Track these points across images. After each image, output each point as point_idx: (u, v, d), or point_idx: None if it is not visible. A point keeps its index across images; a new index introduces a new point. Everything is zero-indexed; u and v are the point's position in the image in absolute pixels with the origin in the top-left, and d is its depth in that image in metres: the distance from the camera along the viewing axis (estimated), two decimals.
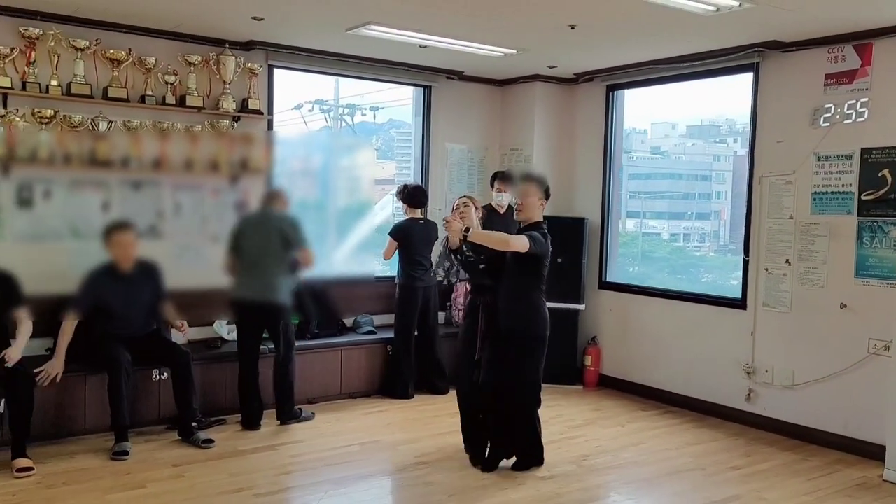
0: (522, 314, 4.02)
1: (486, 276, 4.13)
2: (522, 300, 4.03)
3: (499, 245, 3.88)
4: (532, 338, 4.05)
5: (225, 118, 5.24)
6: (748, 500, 3.89)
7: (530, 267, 3.99)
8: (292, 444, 4.60)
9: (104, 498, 3.68)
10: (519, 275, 4.01)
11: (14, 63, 4.54)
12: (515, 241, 3.85)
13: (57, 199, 4.69)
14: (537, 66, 6.04)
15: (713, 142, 6.78)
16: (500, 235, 3.94)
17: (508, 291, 4.04)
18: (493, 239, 3.91)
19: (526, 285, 4.03)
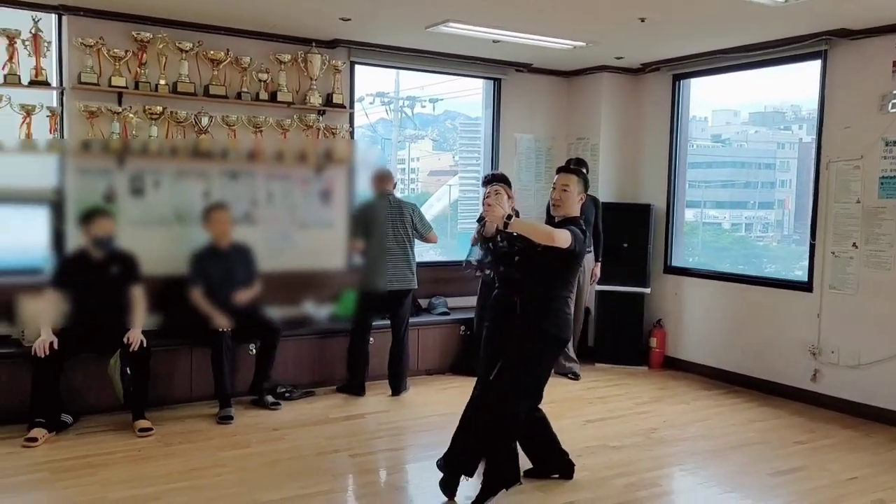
0: (544, 312, 3.57)
1: (518, 269, 3.74)
2: (547, 298, 3.59)
3: (542, 237, 3.47)
4: (550, 337, 3.59)
5: (311, 112, 5.62)
6: (813, 471, 4.08)
7: (563, 264, 3.58)
8: (378, 414, 4.98)
9: (216, 455, 4.11)
10: (548, 270, 3.60)
11: (128, 65, 5.00)
12: (559, 235, 3.44)
13: (164, 189, 5.16)
14: (604, 58, 6.25)
15: (777, 129, 6.72)
16: (545, 228, 3.58)
17: (533, 287, 3.62)
18: (538, 231, 3.53)
19: (553, 283, 3.60)
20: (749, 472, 4.08)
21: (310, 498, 3.55)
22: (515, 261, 3.73)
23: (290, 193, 5.61)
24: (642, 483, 3.84)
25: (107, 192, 4.90)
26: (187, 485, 3.68)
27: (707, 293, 6.17)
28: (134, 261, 4.55)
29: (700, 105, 6.72)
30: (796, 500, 3.71)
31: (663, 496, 3.73)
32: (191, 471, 3.86)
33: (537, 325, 3.54)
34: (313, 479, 3.79)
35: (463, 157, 7.29)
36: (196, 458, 4.05)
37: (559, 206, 3.68)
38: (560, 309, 3.57)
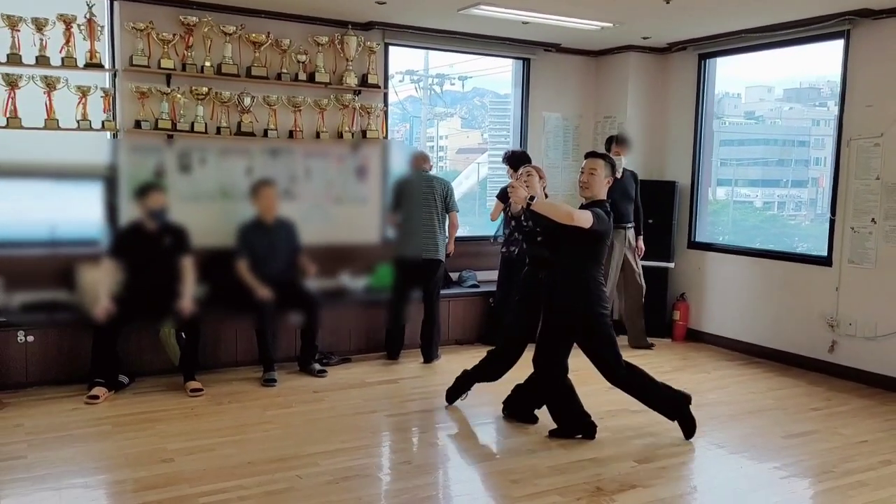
0: (576, 292, 3.88)
1: (545, 248, 4.06)
2: (577, 278, 3.87)
3: (562, 217, 3.70)
4: (589, 316, 3.91)
5: (348, 92, 5.87)
6: (825, 435, 4.29)
7: (589, 244, 3.85)
8: (411, 379, 5.27)
9: (263, 413, 4.43)
10: (576, 252, 3.87)
11: (175, 48, 5.28)
12: (579, 215, 3.69)
13: (210, 165, 5.46)
14: (631, 38, 6.40)
15: (812, 105, 6.71)
16: (565, 208, 3.79)
17: (563, 268, 3.92)
18: (558, 211, 3.75)
19: (582, 263, 3.87)
20: (763, 435, 4.30)
21: (351, 451, 3.85)
22: (538, 240, 4.03)
23: (328, 170, 5.89)
24: (660, 443, 4.08)
25: (156, 169, 5.23)
26: (238, 438, 4.00)
27: (729, 268, 6.35)
28: (185, 233, 4.86)
29: (733, 81, 6.75)
30: (806, 459, 3.93)
31: (678, 454, 3.96)
32: (240, 426, 4.19)
33: (576, 307, 3.89)
34: (353, 435, 4.09)
35: (492, 134, 7.49)
36: (244, 416, 4.37)
37: (587, 188, 3.93)
38: (592, 287, 3.89)
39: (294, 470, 3.59)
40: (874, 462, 3.86)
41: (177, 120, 5.30)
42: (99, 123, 5.09)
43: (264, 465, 3.64)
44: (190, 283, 4.85)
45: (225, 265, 5.18)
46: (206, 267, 5.15)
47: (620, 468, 3.71)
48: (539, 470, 3.69)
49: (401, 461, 3.87)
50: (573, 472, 3.65)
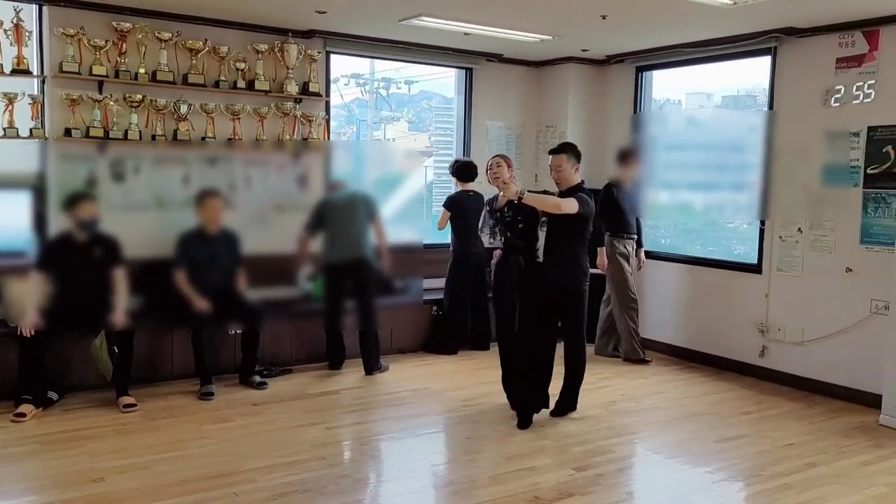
0: (570, 272, 4.38)
1: (521, 237, 4.49)
2: (570, 259, 4.37)
3: (552, 208, 4.17)
4: (579, 293, 4.46)
5: (288, 100, 5.81)
6: (755, 438, 4.43)
7: (576, 227, 4.33)
8: (353, 390, 5.24)
9: (200, 428, 4.35)
10: (565, 235, 4.32)
11: (107, 54, 5.14)
12: (567, 204, 4.15)
13: (144, 174, 5.33)
14: (571, 50, 6.51)
15: (750, 112, 6.78)
16: (553, 199, 4.23)
17: (556, 251, 4.34)
18: (548, 202, 4.21)
19: (573, 245, 4.37)
20: (697, 440, 4.42)
21: (290, 466, 3.80)
22: (519, 228, 4.46)
23: (268, 178, 5.81)
24: (598, 450, 4.14)
25: (88, 178, 5.07)
26: (174, 455, 3.91)
27: (666, 275, 6.50)
28: (116, 244, 4.72)
29: (674, 88, 6.92)
30: (737, 463, 4.05)
31: (615, 461, 4.03)
32: (176, 442, 4.10)
33: (569, 283, 4.40)
34: (292, 449, 4.04)
35: (437, 139, 7.51)
36: (180, 431, 4.28)
37: (559, 183, 4.42)
38: (584, 266, 4.45)
39: (231, 487, 3.53)
40: (800, 465, 4.00)
41: (109, 128, 5.17)
42: (27, 131, 4.93)
43: (200, 482, 3.57)
44: (122, 294, 4.71)
45: (161, 276, 5.06)
46: (140, 278, 5.04)
47: (559, 476, 3.76)
48: (479, 480, 3.72)
49: (340, 475, 3.83)
50: (512, 481, 3.68)
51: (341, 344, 5.73)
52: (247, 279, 5.28)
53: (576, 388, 4.70)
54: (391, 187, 6.33)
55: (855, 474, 3.89)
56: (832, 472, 3.91)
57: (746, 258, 6.01)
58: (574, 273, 4.41)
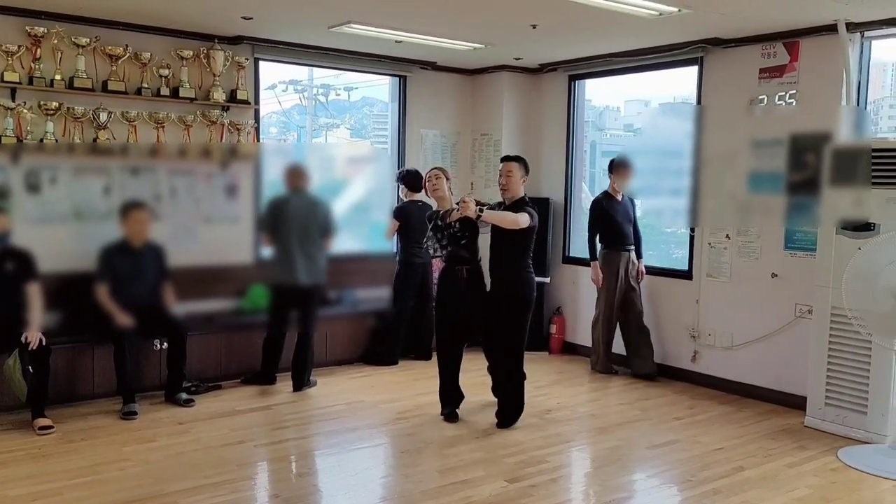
0: (516, 280, 4.52)
1: (465, 249, 4.65)
2: (516, 268, 4.51)
3: (509, 224, 4.34)
4: (526, 300, 4.55)
5: (215, 108, 5.65)
6: (685, 444, 4.48)
7: (524, 239, 4.49)
8: (285, 405, 5.11)
9: (121, 450, 4.16)
10: (511, 244, 4.47)
11: (20, 60, 4.91)
12: (521, 219, 4.34)
13: (62, 185, 5.11)
14: (504, 58, 6.53)
15: (686, 119, 7.12)
16: (511, 216, 4.38)
17: (503, 260, 4.52)
18: (506, 219, 4.36)
19: (519, 254, 4.52)
20: (630, 446, 4.44)
21: (215, 487, 3.67)
22: (463, 243, 4.62)
23: (195, 188, 5.64)
24: (531, 460, 4.12)
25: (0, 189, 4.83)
26: (90, 479, 3.72)
27: None
28: (29, 258, 4.51)
29: (613, 95, 7.00)
30: (667, 469, 4.09)
31: (549, 471, 4.01)
32: (93, 466, 3.91)
33: (515, 293, 4.52)
34: (219, 469, 3.90)
35: (378, 146, 7.43)
36: (99, 454, 4.09)
37: (506, 189, 4.54)
38: (529, 276, 4.56)
39: None
40: (728, 469, 4.06)
41: (23, 137, 4.93)
42: None
43: None
44: (37, 310, 4.51)
45: (80, 291, 4.86)
46: (58, 293, 4.82)
47: (491, 489, 3.72)
48: (412, 495, 3.64)
49: (270, 495, 3.73)
50: (445, 495, 3.62)
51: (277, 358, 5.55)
52: (173, 293, 5.13)
53: (512, 404, 4.73)
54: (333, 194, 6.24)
55: (780, 477, 3.97)
56: (759, 476, 3.97)
57: (681, 264, 6.10)
58: (520, 278, 4.54)
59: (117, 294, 4.88)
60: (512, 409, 4.71)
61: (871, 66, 5.04)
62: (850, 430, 4.56)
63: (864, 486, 3.90)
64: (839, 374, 4.63)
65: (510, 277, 4.54)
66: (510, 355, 4.68)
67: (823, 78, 5.02)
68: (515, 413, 4.71)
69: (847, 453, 4.29)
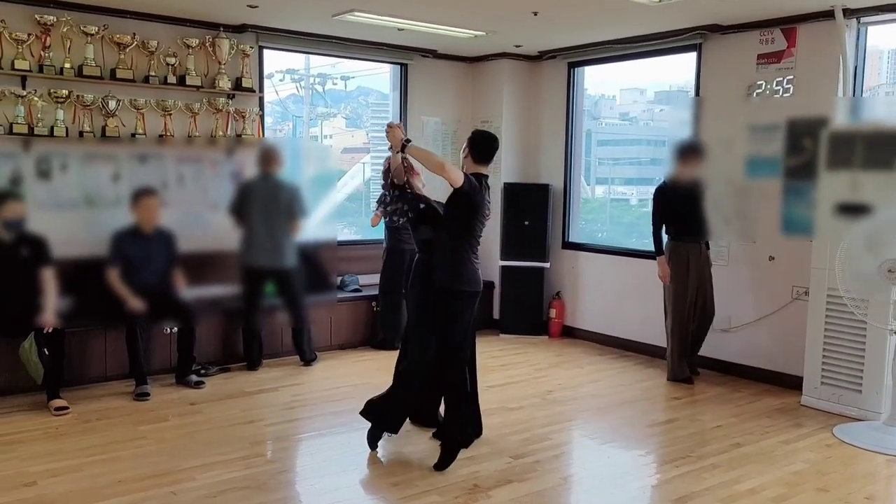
0: (450, 270, 3.83)
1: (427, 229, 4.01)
2: (451, 255, 3.83)
3: (434, 166, 3.68)
4: (457, 294, 3.83)
5: (221, 96, 5.73)
6: (684, 422, 4.60)
7: (460, 215, 3.79)
8: (293, 387, 5.22)
9: (136, 429, 4.27)
10: (450, 228, 3.85)
11: (31, 48, 4.99)
12: (452, 169, 3.68)
13: (72, 172, 5.19)
14: (504, 45, 6.60)
15: (682, 107, 6.86)
16: (439, 157, 3.81)
17: (441, 247, 3.89)
18: (431, 158, 3.75)
19: (456, 240, 3.83)
20: (630, 425, 4.56)
21: (229, 463, 3.78)
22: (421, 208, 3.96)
23: (202, 175, 5.73)
24: (535, 438, 4.24)
25: (12, 176, 4.91)
26: (108, 456, 3.84)
27: (600, 266, 6.67)
28: (44, 243, 4.60)
29: (609, 84, 7.04)
30: (666, 445, 4.20)
31: (552, 448, 4.13)
32: (110, 444, 4.02)
33: (448, 285, 3.82)
34: (231, 447, 4.01)
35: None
36: (115, 433, 4.20)
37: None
38: (464, 265, 3.81)
39: (168, 486, 3.49)
40: (726, 445, 4.18)
41: (34, 124, 5.01)
42: None
43: (136, 482, 3.52)
44: (51, 295, 4.60)
45: (93, 275, 4.95)
46: (70, 278, 4.91)
47: (497, 465, 3.84)
48: (418, 472, 3.76)
49: (280, 471, 3.83)
50: (451, 471, 3.74)
51: (259, 343, 5.68)
52: (184, 278, 5.21)
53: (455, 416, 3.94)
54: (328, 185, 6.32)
55: (776, 453, 4.09)
56: (756, 452, 4.09)
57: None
58: (451, 272, 3.81)
59: (128, 279, 4.97)
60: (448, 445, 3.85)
61: (867, 52, 5.14)
62: (846, 408, 4.68)
63: (858, 460, 4.03)
64: (835, 354, 4.75)
65: (448, 268, 3.83)
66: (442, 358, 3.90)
67: (820, 64, 5.11)
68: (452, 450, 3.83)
69: (842, 430, 4.42)
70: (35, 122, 5.01)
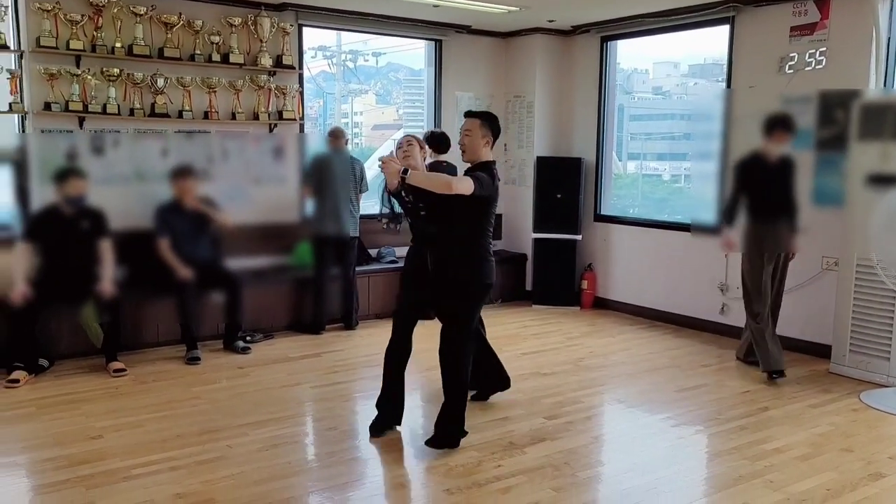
0: (466, 262, 3.63)
1: (431, 224, 3.75)
2: (467, 247, 3.63)
3: (441, 188, 3.47)
4: (476, 285, 3.67)
5: (262, 73, 5.93)
6: (713, 388, 4.75)
7: (475, 210, 3.60)
8: (334, 353, 5.46)
9: (189, 390, 4.54)
10: (463, 219, 3.62)
11: (84, 29, 5.22)
12: (459, 183, 3.45)
13: (124, 147, 5.44)
14: (538, 20, 6.69)
15: (716, 80, 6.88)
16: (442, 178, 3.57)
17: (452, 238, 3.66)
18: (435, 182, 3.53)
19: (471, 231, 3.64)
20: (659, 390, 4.72)
21: (278, 421, 4.02)
22: (421, 215, 3.76)
23: (245, 150, 5.95)
24: (567, 401, 4.42)
25: (68, 152, 5.17)
26: (166, 413, 4.11)
27: (631, 239, 6.79)
28: (102, 216, 4.85)
29: (642, 58, 7.06)
30: (695, 409, 4.35)
31: (583, 410, 4.31)
32: (167, 402, 4.29)
33: (464, 278, 3.62)
34: (279, 407, 4.26)
35: (407, 111, 7.64)
36: (170, 393, 4.47)
37: (465, 151, 3.68)
38: (482, 258, 3.64)
39: (223, 440, 3.74)
40: (754, 409, 4.32)
41: (88, 102, 5.26)
42: (6, 106, 5.00)
43: (193, 437, 3.77)
44: (109, 265, 4.86)
45: (144, 247, 5.20)
46: (124, 249, 5.17)
47: (531, 424, 4.03)
48: None
49: (326, 428, 4.07)
50: (488, 430, 3.94)
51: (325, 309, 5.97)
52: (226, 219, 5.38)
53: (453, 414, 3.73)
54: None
55: (803, 416, 4.22)
56: (783, 415, 4.23)
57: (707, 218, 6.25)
58: (469, 264, 3.63)
59: (175, 249, 5.22)
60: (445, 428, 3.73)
61: None
62: (873, 375, 4.78)
63: (883, 424, 4.14)
64: (863, 323, 4.84)
65: (462, 259, 3.63)
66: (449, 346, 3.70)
67: (853, 36, 5.13)
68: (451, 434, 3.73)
69: (869, 395, 4.53)
70: (89, 99, 5.26)
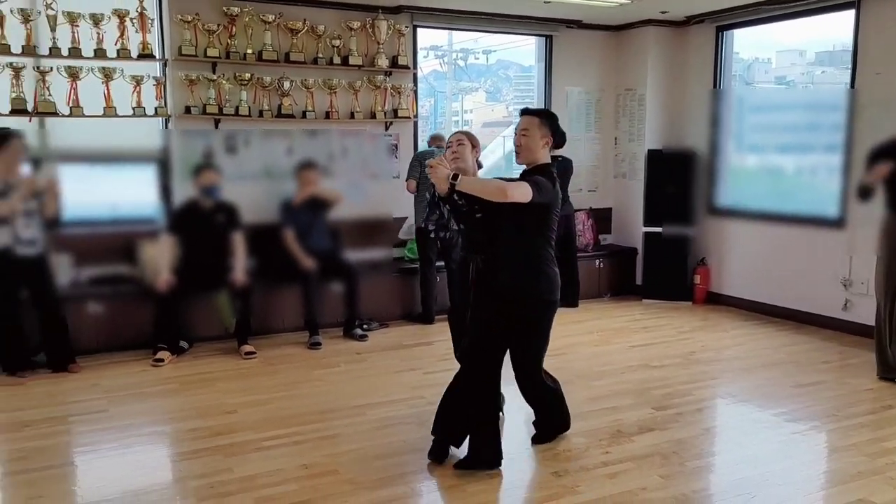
0: (525, 274, 3.34)
1: (482, 228, 3.47)
2: (526, 258, 3.35)
3: (494, 195, 3.18)
4: (538, 301, 3.39)
5: (379, 73, 6.21)
6: (832, 385, 4.60)
7: (535, 218, 3.31)
8: (444, 342, 5.57)
9: (312, 372, 4.87)
10: (521, 228, 3.33)
11: (219, 37, 5.66)
12: (515, 189, 3.15)
13: (254, 147, 5.86)
14: (650, 12, 6.64)
15: (846, 69, 6.49)
16: (496, 184, 3.24)
17: (509, 248, 3.37)
18: (488, 189, 3.22)
19: (530, 240, 3.35)
20: (773, 385, 4.63)
21: (395, 403, 4.26)
22: (477, 218, 3.45)
23: (362, 148, 6.27)
24: (676, 393, 4.43)
25: (205, 151, 5.63)
26: (291, 393, 4.44)
27: (747, 232, 6.62)
28: (236, 210, 5.27)
29: (763, 47, 6.83)
30: (812, 405, 4.25)
31: (693, 402, 4.30)
32: (292, 383, 4.63)
33: (530, 291, 3.35)
34: (394, 390, 4.50)
35: (517, 108, 7.76)
36: (295, 375, 4.81)
37: (520, 152, 3.42)
38: (543, 268, 3.36)
39: (343, 419, 4.01)
40: (876, 407, 4.18)
41: (223, 105, 5.69)
42: (152, 110, 5.50)
43: (316, 415, 4.07)
44: (241, 256, 5.27)
45: (271, 240, 5.60)
46: (253, 241, 5.58)
47: (640, 414, 4.07)
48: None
49: None
50: (595, 418, 4.02)
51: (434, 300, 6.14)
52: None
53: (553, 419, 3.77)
54: None
55: None
56: None
57: (831, 213, 6.04)
58: (534, 278, 3.34)
59: (300, 241, 5.58)
60: (549, 422, 3.76)
61: None
62: None
63: None
64: None
65: (521, 270, 3.34)
66: (523, 370, 3.57)
67: None
68: (553, 428, 3.77)
69: None
70: (223, 102, 5.69)
